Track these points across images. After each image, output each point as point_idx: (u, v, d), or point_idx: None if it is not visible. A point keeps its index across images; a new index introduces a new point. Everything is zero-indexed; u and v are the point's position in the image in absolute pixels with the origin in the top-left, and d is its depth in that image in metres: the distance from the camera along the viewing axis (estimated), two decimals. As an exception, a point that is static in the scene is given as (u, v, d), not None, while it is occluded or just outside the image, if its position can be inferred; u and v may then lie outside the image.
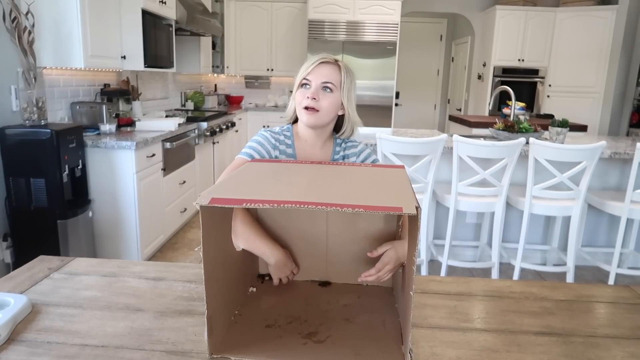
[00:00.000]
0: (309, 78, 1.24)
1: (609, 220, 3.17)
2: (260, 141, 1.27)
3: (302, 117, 1.25)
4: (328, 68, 1.24)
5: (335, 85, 1.24)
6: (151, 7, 3.34)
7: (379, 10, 5.32)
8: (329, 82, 1.23)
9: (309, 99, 1.22)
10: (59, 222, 2.45)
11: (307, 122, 1.25)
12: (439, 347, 0.90)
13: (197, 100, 5.08)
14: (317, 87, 1.23)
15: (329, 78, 1.23)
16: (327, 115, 1.25)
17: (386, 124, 5.52)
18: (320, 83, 1.23)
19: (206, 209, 0.75)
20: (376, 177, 1.00)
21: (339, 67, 1.26)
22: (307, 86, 1.25)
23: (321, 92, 1.23)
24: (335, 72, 1.25)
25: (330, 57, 1.26)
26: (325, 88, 1.23)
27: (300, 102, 1.24)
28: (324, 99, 1.23)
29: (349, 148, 1.36)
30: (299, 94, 1.26)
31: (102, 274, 1.18)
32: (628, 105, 5.60)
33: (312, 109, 1.22)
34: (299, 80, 1.26)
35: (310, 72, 1.24)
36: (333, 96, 1.24)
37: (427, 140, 2.49)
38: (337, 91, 1.24)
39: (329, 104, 1.24)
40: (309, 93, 1.23)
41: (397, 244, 1.04)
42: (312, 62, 1.25)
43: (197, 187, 3.94)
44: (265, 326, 0.93)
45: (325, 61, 1.25)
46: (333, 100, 1.24)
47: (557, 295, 1.15)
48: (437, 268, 3.00)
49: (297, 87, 1.27)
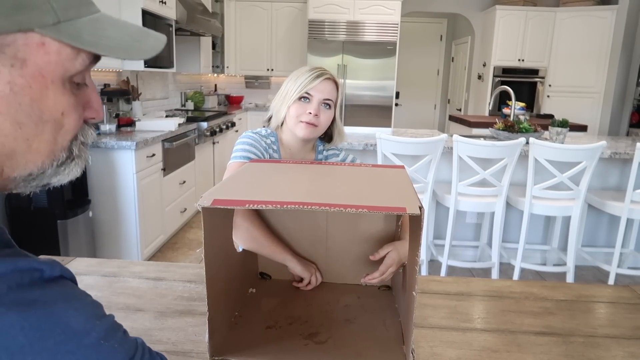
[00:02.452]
0: (312, 93, 1.23)
1: (609, 220, 3.17)
2: (252, 143, 1.24)
3: (298, 130, 1.25)
4: (329, 85, 1.25)
5: (333, 102, 1.27)
6: (151, 7, 3.34)
7: (379, 10, 5.32)
8: (329, 100, 1.25)
9: (310, 114, 1.22)
10: (59, 222, 2.45)
11: (304, 136, 1.25)
12: (439, 347, 0.90)
13: (197, 100, 5.08)
14: (319, 103, 1.24)
15: (329, 95, 1.25)
16: (322, 130, 1.28)
17: (386, 124, 5.52)
18: (321, 99, 1.24)
19: (208, 210, 0.75)
20: (377, 178, 1.00)
21: (336, 84, 1.28)
22: (307, 100, 1.24)
23: (321, 108, 1.25)
24: (334, 89, 1.27)
25: (328, 72, 1.27)
26: (325, 105, 1.25)
27: (299, 116, 1.23)
28: (322, 114, 1.25)
29: (331, 157, 1.37)
30: (297, 106, 1.24)
31: (102, 274, 1.18)
32: (628, 105, 5.60)
33: (312, 125, 1.23)
34: (298, 92, 1.23)
35: (314, 87, 1.23)
36: (330, 112, 1.27)
37: (427, 140, 2.49)
38: (333, 107, 1.28)
39: (326, 120, 1.27)
40: (311, 109, 1.23)
41: (398, 244, 1.04)
42: (314, 76, 1.23)
43: (197, 187, 3.94)
44: (266, 327, 0.93)
45: (328, 77, 1.25)
46: (329, 116, 1.27)
47: (557, 295, 1.15)
48: (437, 268, 3.00)
49: (294, 99, 1.24)
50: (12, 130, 0.43)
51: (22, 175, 0.46)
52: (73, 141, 0.49)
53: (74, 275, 0.48)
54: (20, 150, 0.44)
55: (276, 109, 1.30)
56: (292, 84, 1.25)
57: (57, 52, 0.44)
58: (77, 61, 0.46)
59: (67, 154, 0.48)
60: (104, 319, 0.47)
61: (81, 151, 0.50)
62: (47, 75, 0.44)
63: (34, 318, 0.41)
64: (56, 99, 0.45)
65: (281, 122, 1.30)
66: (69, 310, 0.44)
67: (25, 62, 0.42)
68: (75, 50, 0.45)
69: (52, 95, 0.45)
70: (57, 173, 0.48)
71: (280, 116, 1.28)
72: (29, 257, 0.45)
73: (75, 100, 0.47)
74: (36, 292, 0.42)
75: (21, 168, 0.45)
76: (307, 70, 1.26)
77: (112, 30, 0.48)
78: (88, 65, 0.47)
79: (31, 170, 0.46)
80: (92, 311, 0.47)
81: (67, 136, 0.48)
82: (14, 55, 0.41)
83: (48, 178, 0.48)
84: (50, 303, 0.43)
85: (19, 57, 0.42)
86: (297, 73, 1.27)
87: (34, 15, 0.41)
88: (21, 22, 0.41)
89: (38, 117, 0.44)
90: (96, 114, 0.50)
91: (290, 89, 1.25)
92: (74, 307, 0.45)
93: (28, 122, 0.44)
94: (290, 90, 1.25)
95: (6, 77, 0.41)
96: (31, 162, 0.45)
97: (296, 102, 1.24)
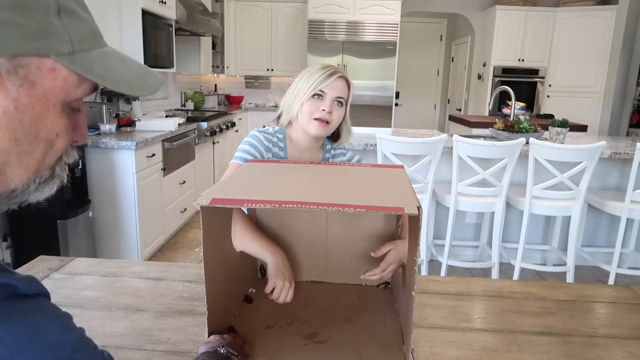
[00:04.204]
0: (325, 91, 1.24)
1: (609, 220, 3.17)
2: (253, 143, 1.25)
3: (311, 127, 1.25)
4: (342, 83, 1.26)
5: (345, 100, 1.28)
6: (151, 7, 3.34)
7: (379, 10, 5.32)
8: (342, 97, 1.27)
9: (324, 111, 1.24)
10: (59, 222, 2.45)
11: (317, 134, 1.26)
12: (439, 347, 0.90)
13: (197, 100, 5.08)
14: (332, 101, 1.25)
15: (341, 93, 1.27)
16: (334, 127, 1.29)
17: (386, 124, 5.52)
18: (335, 97, 1.25)
19: (207, 209, 0.75)
20: (376, 177, 1.00)
21: (348, 83, 1.29)
22: (320, 97, 1.25)
23: (334, 105, 1.26)
24: (346, 87, 1.28)
25: (341, 71, 1.28)
26: (337, 102, 1.27)
27: (312, 113, 1.24)
28: (335, 112, 1.26)
29: (338, 156, 1.38)
30: (310, 103, 1.25)
31: (102, 274, 1.19)
32: (628, 105, 5.60)
33: (325, 122, 1.24)
34: (311, 89, 1.24)
35: (327, 85, 1.24)
36: (342, 110, 1.29)
37: (427, 140, 2.49)
38: (344, 105, 1.29)
39: (338, 117, 1.28)
40: (324, 106, 1.24)
41: (398, 243, 1.04)
42: (327, 74, 1.24)
43: (197, 187, 3.94)
44: (266, 327, 0.93)
45: (341, 76, 1.27)
46: (341, 114, 1.29)
47: (557, 295, 1.15)
48: (437, 268, 3.00)
49: (307, 96, 1.24)
50: (8, 145, 0.45)
51: (6, 190, 0.47)
52: (58, 161, 0.51)
53: (48, 292, 0.49)
54: (11, 164, 0.46)
55: (287, 105, 1.30)
56: (305, 82, 1.26)
57: (64, 78, 0.46)
58: (80, 89, 0.48)
59: (50, 172, 0.51)
60: (76, 331, 0.49)
61: (62, 171, 0.52)
62: (50, 98, 0.46)
63: (14, 330, 0.42)
64: (54, 121, 0.47)
65: (292, 119, 1.31)
66: (45, 323, 0.45)
67: (34, 84, 0.45)
68: (80, 78, 0.48)
69: (52, 116, 0.47)
70: (37, 190, 0.50)
71: (293, 113, 1.29)
72: (6, 272, 0.45)
73: (69, 124, 0.50)
74: (13, 306, 0.43)
75: (7, 183, 0.47)
76: (319, 68, 1.27)
77: (119, 66, 0.52)
78: (88, 93, 0.50)
79: (15, 186, 0.48)
80: (66, 324, 0.48)
81: (55, 156, 0.50)
82: (25, 76, 0.44)
83: (28, 195, 0.50)
84: (29, 315, 0.44)
85: (29, 79, 0.44)
86: (309, 71, 1.28)
87: (53, 43, 0.44)
88: (40, 48, 0.44)
89: (34, 135, 0.46)
90: (82, 138, 0.53)
91: (303, 87, 1.26)
92: (50, 320, 0.46)
93: (24, 139, 0.46)
94: (303, 88, 1.26)
95: (13, 95, 0.44)
96: (17, 177, 0.47)
97: (309, 100, 1.25)
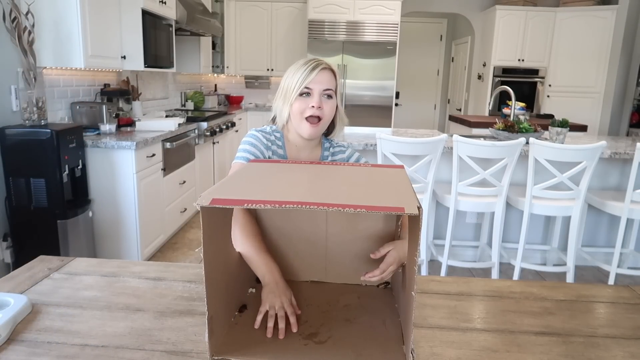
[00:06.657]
0: (311, 86, 1.22)
1: (609, 220, 3.17)
2: (253, 142, 1.25)
3: (303, 128, 1.24)
4: (327, 75, 1.24)
5: (333, 91, 1.26)
6: (151, 7, 3.34)
7: (379, 10, 5.32)
8: (329, 89, 1.24)
9: (314, 108, 1.22)
10: (59, 222, 2.45)
11: (310, 135, 1.25)
12: (439, 347, 0.90)
13: (197, 100, 5.08)
14: (320, 95, 1.23)
15: (328, 85, 1.24)
16: (327, 122, 1.27)
17: (386, 124, 5.52)
18: (322, 91, 1.23)
19: (207, 209, 0.75)
20: (376, 177, 1.00)
21: (333, 72, 1.26)
22: (308, 94, 1.23)
23: (323, 99, 1.24)
24: (332, 77, 1.26)
25: (324, 62, 1.25)
26: (326, 95, 1.24)
27: (302, 112, 1.23)
28: (325, 105, 1.24)
29: (337, 153, 1.36)
30: (300, 102, 1.23)
31: (102, 274, 1.18)
32: (628, 105, 5.60)
33: (316, 118, 1.23)
34: (297, 88, 1.22)
35: (312, 79, 1.22)
36: (332, 102, 1.26)
37: (427, 140, 2.49)
38: (334, 96, 1.26)
39: (330, 110, 1.26)
40: (313, 102, 1.22)
41: (398, 244, 1.04)
42: (310, 68, 1.22)
43: (197, 187, 3.94)
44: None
45: (324, 67, 1.24)
46: (332, 106, 1.26)
47: (557, 295, 1.15)
48: (437, 268, 3.00)
49: (295, 95, 1.23)
50: None
51: None
52: None
53: None
54: None
55: (279, 109, 1.29)
56: (290, 81, 1.24)
57: None
58: None
59: None
60: None
61: None
62: None
63: None
64: None
65: (285, 121, 1.30)
66: None
67: None
68: None
69: None
70: None
71: (284, 115, 1.27)
72: None
73: None
74: None
75: None
76: (302, 64, 1.24)
77: None
78: None
79: None
80: None
81: None
82: None
83: None
84: None
85: None
86: (293, 69, 1.26)
87: None
88: None
89: None
90: None
91: (289, 87, 1.24)
92: None
93: None
94: (290, 88, 1.24)
95: None
96: None
97: (298, 99, 1.23)
